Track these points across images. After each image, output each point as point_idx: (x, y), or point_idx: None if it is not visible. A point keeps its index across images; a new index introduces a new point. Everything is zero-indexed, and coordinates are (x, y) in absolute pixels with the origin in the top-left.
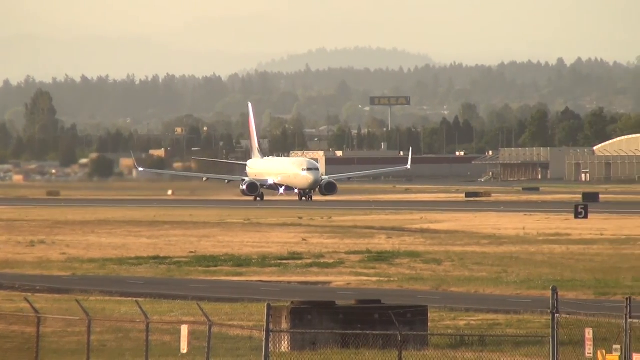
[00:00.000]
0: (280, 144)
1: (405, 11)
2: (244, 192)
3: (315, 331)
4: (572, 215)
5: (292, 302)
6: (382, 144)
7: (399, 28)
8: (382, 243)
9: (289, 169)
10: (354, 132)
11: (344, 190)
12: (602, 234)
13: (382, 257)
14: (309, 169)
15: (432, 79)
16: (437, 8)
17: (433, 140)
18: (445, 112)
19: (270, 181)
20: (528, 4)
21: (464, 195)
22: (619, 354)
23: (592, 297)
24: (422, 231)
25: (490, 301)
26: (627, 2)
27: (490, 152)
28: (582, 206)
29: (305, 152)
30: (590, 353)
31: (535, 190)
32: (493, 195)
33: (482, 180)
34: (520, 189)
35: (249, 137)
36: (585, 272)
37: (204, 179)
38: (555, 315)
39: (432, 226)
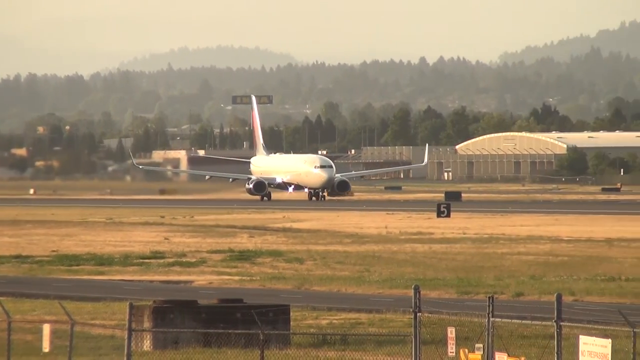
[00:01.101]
0: (142, 143)
1: (267, 10)
2: (250, 192)
3: (178, 330)
4: (434, 214)
5: (154, 301)
6: (245, 142)
7: (261, 27)
8: (244, 242)
9: (300, 167)
10: (216, 130)
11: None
12: (464, 233)
13: (244, 256)
14: (322, 167)
15: (294, 78)
16: (299, 7)
17: (295, 139)
18: (308, 111)
19: (279, 179)
20: (390, 3)
21: (326, 194)
22: (481, 352)
23: (454, 295)
24: (285, 230)
25: (352, 300)
26: (489, 2)
27: (353, 151)
28: (445, 205)
29: (167, 150)
30: (453, 352)
31: (398, 189)
32: (355, 194)
33: None
34: (383, 187)
35: (252, 133)
36: (448, 271)
37: (207, 177)
38: (418, 314)
39: (295, 225)
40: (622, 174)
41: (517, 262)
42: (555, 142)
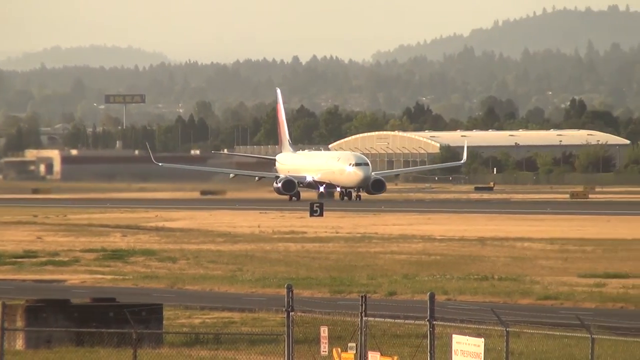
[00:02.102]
0: (15, 142)
1: (139, 9)
2: (278, 191)
3: (50, 329)
4: (307, 213)
5: (26, 301)
6: (117, 142)
7: (134, 26)
8: (117, 241)
9: (332, 165)
10: (89, 130)
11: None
12: (337, 232)
13: (117, 255)
14: (357, 164)
15: (167, 77)
16: (171, 6)
17: (168, 139)
18: (181, 110)
19: (309, 178)
20: (262, 2)
21: (199, 193)
22: (354, 351)
23: (327, 295)
24: (158, 229)
25: (225, 299)
26: (362, 1)
27: (226, 150)
28: (318, 204)
29: (39, 150)
30: (326, 351)
31: None
32: (228, 193)
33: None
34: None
35: (277, 128)
36: (321, 270)
37: (231, 175)
38: (290, 313)
39: (167, 224)
40: (494, 172)
41: (390, 261)
42: (429, 141)
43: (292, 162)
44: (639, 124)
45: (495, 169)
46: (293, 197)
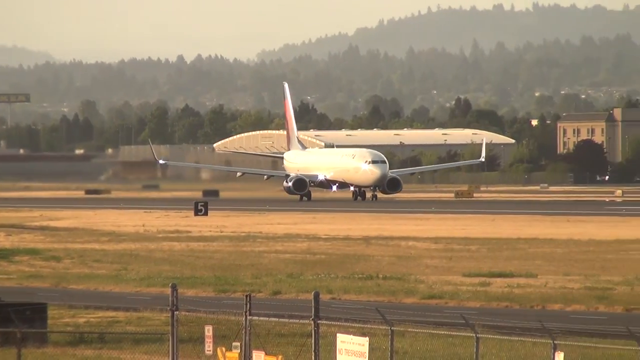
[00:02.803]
0: None
1: (24, 7)
2: (289, 190)
3: None
4: (192, 213)
5: None
6: (2, 141)
7: (18, 24)
8: (1, 240)
9: (347, 162)
10: None
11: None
12: (222, 231)
13: (1, 254)
14: (373, 162)
15: (52, 76)
16: (57, 5)
17: (53, 138)
18: (65, 110)
19: (321, 177)
20: (146, 1)
21: (84, 192)
22: (239, 351)
23: (212, 294)
24: (42, 228)
25: (110, 298)
26: (247, 0)
27: (110, 150)
28: (202, 203)
29: None
30: (210, 350)
31: (155, 187)
32: (113, 192)
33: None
34: (141, 186)
35: (285, 125)
36: (205, 269)
37: (238, 174)
38: (175, 312)
39: (52, 223)
40: None
41: (275, 260)
42: (313, 140)
43: (302, 160)
44: (523, 123)
45: None
46: (304, 197)
